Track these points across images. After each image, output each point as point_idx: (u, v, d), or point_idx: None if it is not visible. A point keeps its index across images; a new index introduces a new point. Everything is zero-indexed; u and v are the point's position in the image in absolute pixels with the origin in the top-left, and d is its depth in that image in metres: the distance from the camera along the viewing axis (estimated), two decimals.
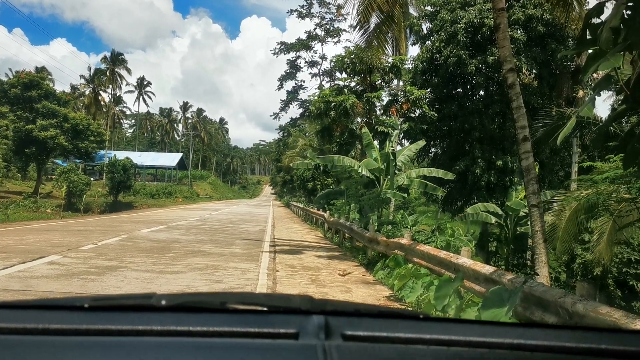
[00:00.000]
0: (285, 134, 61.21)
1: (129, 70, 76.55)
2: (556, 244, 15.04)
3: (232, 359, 1.07)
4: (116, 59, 74.71)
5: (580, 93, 26.26)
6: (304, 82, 57.11)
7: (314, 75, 57.51)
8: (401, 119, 30.41)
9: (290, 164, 37.35)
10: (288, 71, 56.73)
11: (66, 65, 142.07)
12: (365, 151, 28.08)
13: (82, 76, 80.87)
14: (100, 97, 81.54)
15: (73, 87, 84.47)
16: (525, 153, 8.48)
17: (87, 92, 79.67)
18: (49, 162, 50.21)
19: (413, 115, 31.13)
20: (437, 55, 29.75)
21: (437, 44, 28.25)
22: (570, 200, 12.20)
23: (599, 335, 1.33)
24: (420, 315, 1.40)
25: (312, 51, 56.64)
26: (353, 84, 29.97)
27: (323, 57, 56.99)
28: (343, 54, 29.83)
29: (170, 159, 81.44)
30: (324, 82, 56.37)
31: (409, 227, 24.78)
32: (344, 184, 29.80)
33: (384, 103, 29.62)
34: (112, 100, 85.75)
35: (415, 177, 26.53)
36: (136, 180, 71.42)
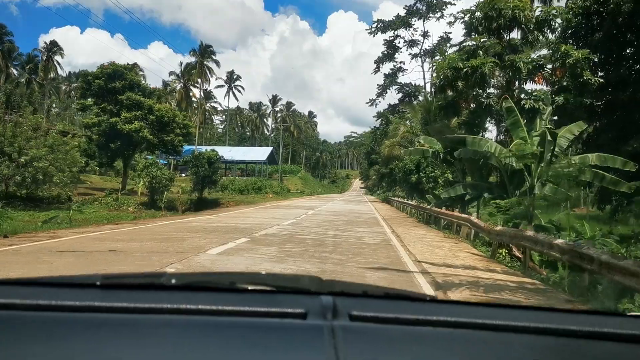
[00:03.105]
0: (384, 122, 54.02)
1: (217, 63, 72.46)
2: None
3: (241, 338, 1.02)
4: (205, 52, 70.59)
5: None
6: (404, 63, 49.46)
7: (414, 56, 49.92)
8: (551, 90, 22.49)
9: (405, 153, 30.02)
10: (385, 52, 49.42)
11: (164, 68, 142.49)
12: (511, 132, 20.60)
13: (172, 72, 77.89)
14: (191, 93, 78.24)
15: (165, 84, 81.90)
16: None
17: (177, 88, 76.55)
18: (142, 158, 45.57)
19: (568, 85, 23.08)
20: (597, 5, 21.79)
21: None
22: None
23: (604, 320, 1.32)
24: (427, 297, 1.41)
25: (411, 29, 49.04)
26: (488, 43, 22.30)
27: (425, 35, 49.20)
28: (473, 8, 22.36)
29: (260, 153, 76.70)
30: (426, 63, 48.74)
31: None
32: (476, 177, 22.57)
33: (525, 71, 21.78)
34: (202, 96, 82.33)
35: (584, 165, 19.23)
36: (225, 176, 67.15)
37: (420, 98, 46.31)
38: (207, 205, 35.26)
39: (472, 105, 23.63)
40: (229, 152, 71.88)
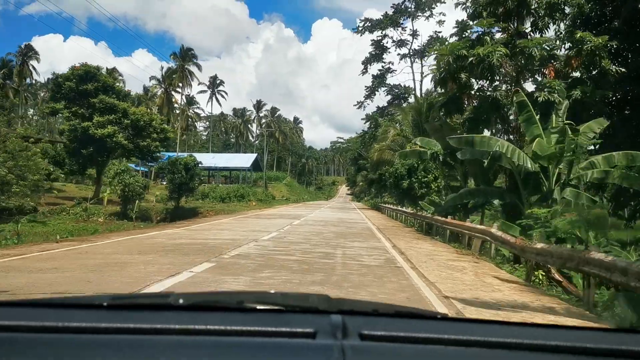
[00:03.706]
0: (372, 125, 50.99)
1: (199, 67, 69.21)
2: None
3: (250, 358, 1.00)
4: (186, 55, 67.28)
5: None
6: (392, 64, 46.44)
7: (403, 56, 47.14)
8: (565, 83, 19.71)
9: (400, 156, 26.85)
10: (373, 52, 46.54)
11: (148, 74, 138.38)
12: (524, 129, 17.84)
13: (153, 77, 74.49)
14: (174, 99, 74.86)
15: (145, 89, 78.53)
16: None
17: (158, 93, 73.15)
18: (113, 164, 42.08)
19: (583, 77, 20.35)
20: None
21: None
22: None
23: (620, 337, 1.29)
24: (438, 315, 1.38)
25: (400, 28, 46.29)
26: (496, 30, 19.44)
27: (414, 34, 46.45)
28: None
29: (244, 160, 73.44)
30: (415, 64, 45.97)
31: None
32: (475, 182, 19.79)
33: (538, 59, 18.96)
34: (185, 102, 78.99)
35: (610, 165, 16.77)
36: (208, 183, 63.69)
37: (411, 100, 43.58)
38: (184, 215, 32.07)
39: (474, 102, 20.78)
40: (212, 159, 68.68)
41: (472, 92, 20.04)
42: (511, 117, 20.30)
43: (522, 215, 17.06)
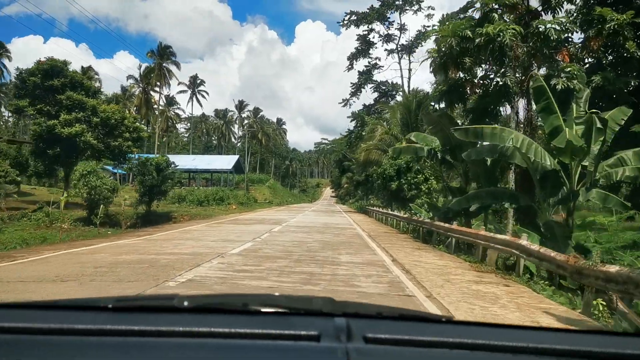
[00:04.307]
0: (359, 124, 48.19)
1: (178, 65, 65.86)
2: None
3: None
4: (164, 52, 63.94)
5: None
6: (379, 60, 43.71)
7: (390, 52, 44.48)
8: (584, 68, 17.14)
9: (394, 153, 23.87)
10: (359, 48, 43.76)
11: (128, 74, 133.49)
12: (542, 119, 15.16)
13: (130, 76, 70.94)
14: (153, 100, 71.44)
15: (123, 89, 74.99)
16: None
17: (136, 93, 69.70)
18: (79, 166, 38.58)
19: (603, 60, 17.76)
20: None
21: None
22: None
23: (625, 341, 1.26)
24: (443, 318, 1.31)
25: (387, 23, 43.63)
26: (504, 10, 16.76)
27: (401, 29, 43.74)
28: None
29: (226, 161, 70.26)
30: (403, 60, 43.34)
31: None
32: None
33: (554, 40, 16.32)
34: (165, 102, 75.61)
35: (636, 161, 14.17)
36: (188, 185, 60.49)
37: (399, 98, 40.95)
38: (155, 220, 28.99)
39: (477, 90, 18.10)
40: (192, 161, 65.58)
41: (476, 80, 17.37)
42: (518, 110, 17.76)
43: (541, 221, 14.45)
